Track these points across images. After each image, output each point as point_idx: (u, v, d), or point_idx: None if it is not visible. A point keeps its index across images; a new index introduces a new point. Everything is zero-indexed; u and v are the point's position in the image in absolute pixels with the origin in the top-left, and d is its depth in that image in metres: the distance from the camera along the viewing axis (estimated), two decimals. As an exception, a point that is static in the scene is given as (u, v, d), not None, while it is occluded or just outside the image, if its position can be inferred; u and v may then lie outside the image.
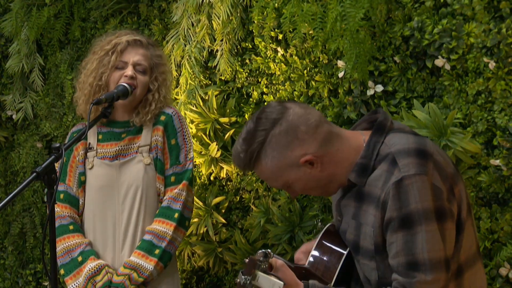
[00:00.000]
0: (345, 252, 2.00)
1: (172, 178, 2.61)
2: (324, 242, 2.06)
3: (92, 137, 2.62)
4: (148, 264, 2.50)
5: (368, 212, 1.87)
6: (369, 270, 1.90)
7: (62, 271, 2.57)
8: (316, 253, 2.04)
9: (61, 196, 2.62)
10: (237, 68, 3.19)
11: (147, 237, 2.54)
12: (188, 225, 2.65)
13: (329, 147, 1.89)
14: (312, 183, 1.91)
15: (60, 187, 2.62)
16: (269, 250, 1.90)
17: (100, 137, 2.61)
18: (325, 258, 2.02)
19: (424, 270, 1.76)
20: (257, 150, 1.88)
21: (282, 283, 1.81)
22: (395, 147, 1.84)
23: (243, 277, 1.81)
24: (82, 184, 2.60)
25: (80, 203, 2.61)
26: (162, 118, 2.61)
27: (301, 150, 1.88)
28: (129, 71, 2.52)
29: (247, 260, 1.85)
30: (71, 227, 2.59)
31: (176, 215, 2.57)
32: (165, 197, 2.59)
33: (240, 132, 1.94)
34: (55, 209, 2.59)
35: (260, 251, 1.88)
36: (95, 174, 2.57)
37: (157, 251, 2.52)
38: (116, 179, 2.56)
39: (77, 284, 2.54)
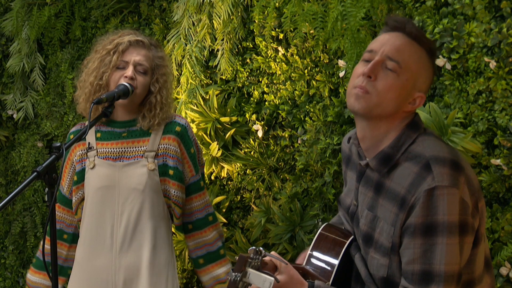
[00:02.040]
0: (342, 251, 1.99)
1: (201, 183, 2.71)
2: (321, 241, 2.06)
3: (90, 136, 2.62)
4: (223, 267, 2.69)
5: (386, 208, 1.84)
6: (378, 265, 1.88)
7: (34, 260, 2.64)
8: (313, 252, 2.04)
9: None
10: (238, 67, 3.19)
11: (202, 252, 2.71)
12: (217, 217, 2.79)
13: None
14: (398, 95, 1.83)
15: None
16: (260, 248, 1.89)
17: (98, 135, 2.61)
18: (322, 258, 2.02)
19: (438, 281, 1.75)
20: (430, 46, 1.87)
21: (272, 279, 1.81)
22: (429, 152, 1.81)
23: (233, 274, 1.81)
24: (76, 183, 2.60)
25: (73, 201, 2.61)
26: (178, 129, 2.62)
27: (425, 90, 1.89)
28: (129, 71, 2.52)
29: (237, 257, 1.85)
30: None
31: (210, 218, 2.71)
32: (195, 208, 2.70)
33: None
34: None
35: (251, 248, 1.88)
36: (97, 173, 2.57)
37: (221, 251, 2.72)
38: (118, 180, 2.55)
39: (35, 280, 2.65)
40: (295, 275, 1.91)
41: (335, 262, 1.99)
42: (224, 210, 3.26)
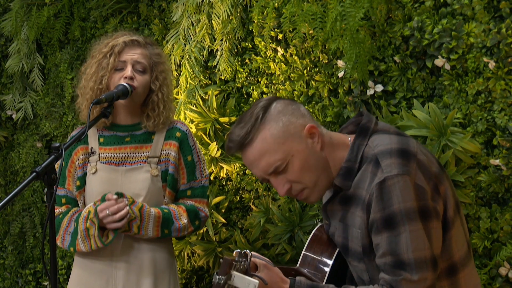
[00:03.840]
0: (335, 252, 2.00)
1: (188, 192, 2.64)
2: (315, 242, 2.06)
3: (93, 141, 2.60)
4: (155, 213, 2.52)
5: (355, 214, 1.87)
6: (360, 271, 1.91)
7: (71, 249, 2.56)
8: (306, 253, 2.04)
9: (63, 200, 2.61)
10: (237, 67, 3.19)
11: (172, 207, 2.58)
12: (195, 230, 2.67)
13: (324, 134, 1.92)
14: (312, 159, 1.87)
15: (61, 192, 2.61)
16: (246, 250, 1.89)
17: (101, 140, 2.60)
18: (315, 259, 2.02)
19: (410, 269, 1.76)
20: (261, 116, 1.86)
21: (257, 282, 1.81)
22: (378, 148, 1.84)
23: (217, 277, 1.80)
24: (79, 188, 2.59)
25: (79, 206, 2.61)
26: (178, 134, 2.60)
27: (303, 121, 1.89)
28: (128, 71, 2.51)
29: (221, 260, 1.84)
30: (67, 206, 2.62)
31: (197, 222, 2.62)
32: (191, 203, 2.63)
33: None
34: (58, 211, 2.60)
35: (236, 250, 1.88)
36: (99, 178, 2.55)
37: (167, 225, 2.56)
38: (121, 185, 2.54)
39: (84, 244, 2.52)
40: (276, 273, 1.91)
41: (329, 262, 1.99)
42: (223, 211, 3.26)
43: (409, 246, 1.76)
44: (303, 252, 2.05)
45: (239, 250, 1.87)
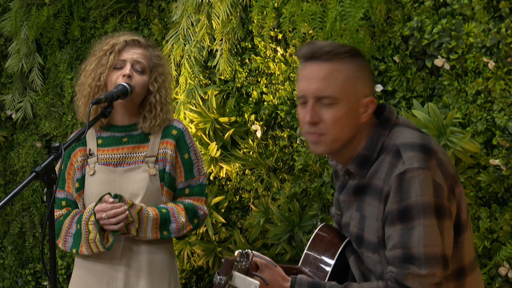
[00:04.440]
0: (338, 252, 1.99)
1: (186, 190, 2.63)
2: (317, 241, 2.05)
3: (91, 142, 2.60)
4: (153, 214, 2.51)
5: (371, 204, 1.85)
6: (374, 263, 1.89)
7: (74, 251, 2.55)
8: (308, 253, 2.04)
9: (63, 203, 2.61)
10: (237, 67, 3.19)
11: (170, 206, 2.56)
12: (194, 229, 2.66)
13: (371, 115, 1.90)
14: (351, 122, 1.85)
15: (60, 195, 2.61)
16: (248, 250, 1.88)
17: (99, 141, 2.59)
18: (317, 258, 2.01)
19: (418, 264, 1.75)
20: (351, 53, 1.84)
21: (258, 283, 1.80)
22: (399, 140, 1.83)
23: (218, 277, 1.79)
24: (78, 190, 2.59)
25: (79, 208, 2.60)
26: (174, 132, 2.59)
27: (370, 91, 1.89)
28: (126, 69, 2.51)
29: (223, 260, 1.84)
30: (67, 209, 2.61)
31: (196, 220, 2.61)
32: (190, 201, 2.62)
33: None
34: (58, 214, 2.60)
35: (237, 251, 1.87)
36: (98, 180, 2.55)
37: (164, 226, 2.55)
38: (119, 185, 2.54)
39: (86, 247, 2.51)
40: (277, 272, 1.91)
41: (331, 262, 1.99)
42: (223, 210, 3.26)
43: (421, 240, 1.74)
44: (305, 251, 2.05)
45: (240, 250, 1.86)
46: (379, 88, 2.66)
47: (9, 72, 3.98)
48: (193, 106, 3.27)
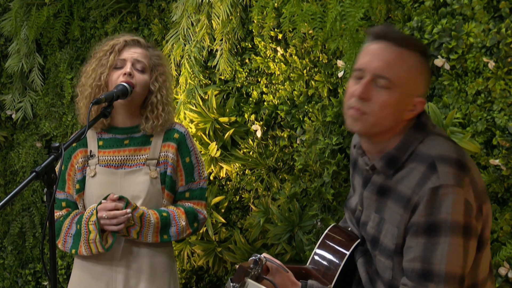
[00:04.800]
0: (347, 253, 1.99)
1: (187, 194, 2.63)
2: (327, 241, 2.04)
3: (92, 144, 2.60)
4: (153, 217, 2.51)
5: (393, 209, 1.82)
6: (385, 268, 1.87)
7: (73, 251, 2.55)
8: (318, 252, 2.04)
9: (63, 204, 2.61)
10: (237, 67, 3.19)
11: (171, 209, 2.57)
12: (193, 233, 2.67)
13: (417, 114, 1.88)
14: (395, 113, 1.81)
15: (60, 195, 2.61)
16: (260, 257, 1.87)
17: (100, 143, 2.59)
18: (326, 258, 2.01)
19: (437, 281, 1.72)
20: (422, 49, 1.83)
21: None
22: (435, 151, 1.79)
23: (231, 284, 1.80)
24: (78, 192, 2.58)
25: (79, 209, 2.60)
26: (176, 136, 2.59)
27: (423, 92, 1.86)
28: (127, 68, 2.51)
29: (237, 266, 1.84)
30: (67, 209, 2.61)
31: (195, 224, 2.61)
32: (190, 205, 2.62)
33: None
34: (58, 215, 2.60)
35: (251, 258, 1.87)
36: (99, 182, 2.55)
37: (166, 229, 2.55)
38: (120, 188, 2.54)
39: (85, 248, 2.51)
40: (287, 277, 1.90)
41: (340, 264, 1.98)
42: (223, 210, 3.26)
43: (443, 258, 1.72)
44: (315, 250, 2.04)
45: (254, 258, 1.86)
46: (379, 88, 2.66)
47: (9, 72, 3.98)
48: (193, 106, 3.28)
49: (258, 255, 1.86)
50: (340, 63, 2.74)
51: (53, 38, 3.86)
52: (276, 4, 2.92)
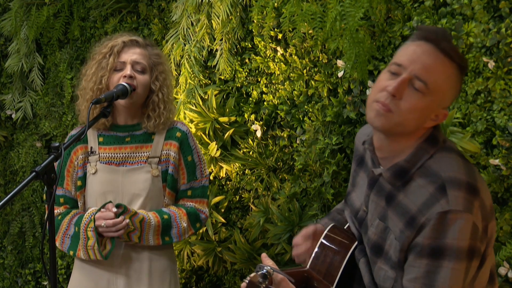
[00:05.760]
0: (348, 254, 1.98)
1: (189, 192, 2.63)
2: (326, 242, 2.04)
3: (92, 140, 2.60)
4: (154, 219, 2.51)
5: (394, 221, 1.82)
6: (386, 277, 1.86)
7: (71, 253, 2.55)
8: (318, 254, 2.03)
9: (61, 200, 2.61)
10: (237, 67, 3.19)
11: (172, 210, 2.58)
12: (195, 233, 2.68)
13: (437, 126, 1.88)
14: (421, 115, 1.79)
15: (59, 191, 2.60)
16: (268, 270, 1.85)
17: (101, 139, 2.59)
18: (327, 260, 2.01)
19: None
20: (463, 63, 1.81)
21: None
22: (446, 172, 1.77)
23: None
24: (80, 188, 2.58)
25: (79, 206, 2.60)
26: (178, 134, 2.60)
27: (449, 103, 1.85)
28: (127, 70, 2.51)
29: (247, 281, 1.82)
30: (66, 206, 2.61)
31: (198, 224, 2.63)
32: (192, 205, 2.63)
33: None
34: (56, 212, 2.60)
35: (259, 271, 1.85)
36: (99, 179, 2.55)
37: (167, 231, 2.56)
38: (121, 185, 2.54)
39: (83, 253, 2.52)
40: (288, 286, 1.90)
41: (340, 265, 1.98)
42: (223, 210, 3.26)
43: (446, 282, 1.72)
44: (314, 251, 2.03)
45: (262, 272, 1.82)
46: (379, 88, 2.66)
47: (9, 72, 3.99)
48: (193, 106, 3.28)
49: (265, 268, 1.83)
50: (340, 63, 2.74)
51: (53, 38, 3.86)
52: (276, 4, 2.92)
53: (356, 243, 2.00)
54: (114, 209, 2.44)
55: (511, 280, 2.40)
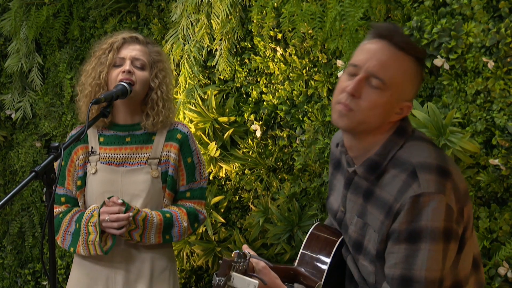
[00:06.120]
0: (333, 250, 2.00)
1: (188, 193, 2.64)
2: (312, 240, 2.06)
3: (93, 140, 2.60)
4: (156, 217, 2.51)
5: (374, 215, 1.84)
6: (368, 272, 1.89)
7: (71, 249, 2.55)
8: (304, 252, 2.04)
9: (62, 199, 2.61)
10: (236, 67, 3.19)
11: (174, 210, 2.58)
12: (193, 233, 2.69)
13: (404, 119, 1.90)
14: (382, 114, 1.82)
15: (60, 191, 2.60)
16: (245, 251, 1.88)
17: (101, 139, 2.59)
18: (314, 257, 2.02)
19: (418, 287, 1.75)
20: (420, 55, 1.84)
21: (257, 282, 1.80)
22: (416, 158, 1.80)
23: (217, 278, 1.80)
24: (80, 188, 2.58)
25: (80, 205, 2.60)
26: (179, 136, 2.59)
27: (412, 95, 1.87)
28: (126, 66, 2.51)
29: (221, 261, 1.84)
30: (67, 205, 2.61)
31: (196, 225, 2.63)
32: (191, 205, 2.63)
33: None
34: (58, 211, 2.60)
35: (235, 251, 1.87)
36: (99, 179, 2.55)
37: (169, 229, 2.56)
38: (121, 186, 2.54)
39: (83, 248, 2.51)
40: (273, 278, 1.90)
41: (327, 261, 1.99)
42: (222, 210, 3.26)
43: (424, 264, 1.74)
44: (300, 250, 2.05)
45: (238, 251, 1.87)
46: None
47: (9, 72, 3.98)
48: (192, 106, 3.27)
49: (244, 251, 1.87)
50: (339, 63, 2.74)
51: (53, 38, 3.86)
52: (275, 4, 2.92)
53: (341, 238, 2.01)
54: (119, 201, 2.44)
55: (511, 280, 2.40)
